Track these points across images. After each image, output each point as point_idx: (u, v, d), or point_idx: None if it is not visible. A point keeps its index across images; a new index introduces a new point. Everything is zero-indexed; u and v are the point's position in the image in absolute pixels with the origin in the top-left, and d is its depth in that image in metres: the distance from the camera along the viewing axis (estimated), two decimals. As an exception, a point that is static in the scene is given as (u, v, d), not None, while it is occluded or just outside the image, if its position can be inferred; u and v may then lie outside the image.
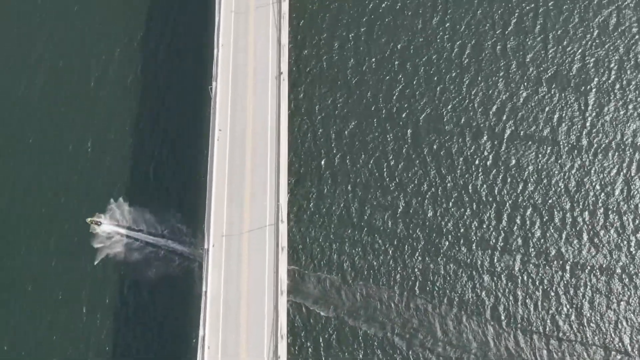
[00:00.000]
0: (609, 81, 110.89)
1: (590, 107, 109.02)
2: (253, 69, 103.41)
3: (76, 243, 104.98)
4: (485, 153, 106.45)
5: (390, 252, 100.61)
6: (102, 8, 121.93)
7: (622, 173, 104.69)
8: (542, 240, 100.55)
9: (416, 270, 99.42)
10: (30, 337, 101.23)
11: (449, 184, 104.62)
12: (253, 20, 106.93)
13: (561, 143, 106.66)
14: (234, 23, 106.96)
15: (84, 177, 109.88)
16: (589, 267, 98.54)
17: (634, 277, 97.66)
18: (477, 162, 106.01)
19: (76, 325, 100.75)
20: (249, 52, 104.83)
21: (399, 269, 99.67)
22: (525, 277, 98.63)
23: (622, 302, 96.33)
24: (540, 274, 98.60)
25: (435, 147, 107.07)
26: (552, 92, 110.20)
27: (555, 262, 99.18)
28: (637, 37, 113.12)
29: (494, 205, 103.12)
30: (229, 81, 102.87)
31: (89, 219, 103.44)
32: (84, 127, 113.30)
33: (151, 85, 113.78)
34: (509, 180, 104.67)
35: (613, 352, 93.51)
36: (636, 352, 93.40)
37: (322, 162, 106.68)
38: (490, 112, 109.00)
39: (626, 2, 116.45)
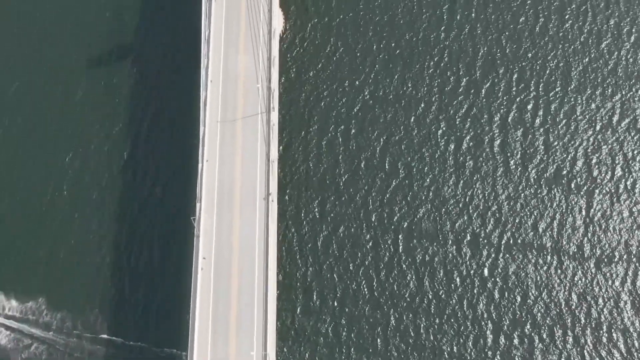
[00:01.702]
0: (613, 181, 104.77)
1: (592, 211, 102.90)
2: (240, 189, 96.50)
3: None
4: (481, 263, 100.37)
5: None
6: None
7: (626, 285, 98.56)
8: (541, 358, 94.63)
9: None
10: None
11: (442, 297, 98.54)
12: (240, 131, 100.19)
13: (562, 251, 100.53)
14: (219, 134, 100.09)
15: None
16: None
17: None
18: (472, 273, 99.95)
19: None
20: (235, 168, 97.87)
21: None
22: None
23: None
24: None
25: (428, 256, 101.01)
26: (552, 194, 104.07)
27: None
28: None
29: (490, 321, 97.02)
30: (214, 204, 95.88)
31: None
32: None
33: (129, 211, 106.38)
34: (506, 293, 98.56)
35: None
36: None
37: (309, 273, 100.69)
38: (487, 217, 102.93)
39: (630, 94, 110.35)
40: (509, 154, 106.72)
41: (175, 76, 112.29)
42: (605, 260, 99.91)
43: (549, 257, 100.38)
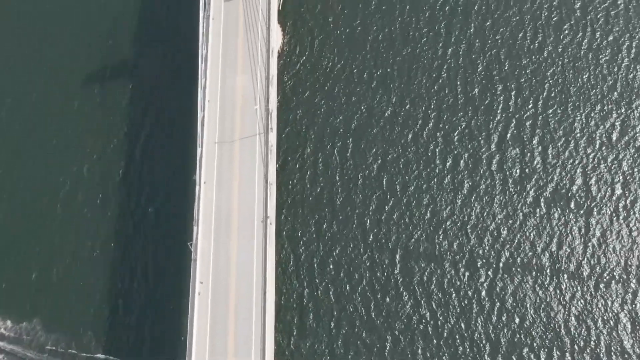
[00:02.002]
0: (613, 200, 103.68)
1: (592, 230, 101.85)
2: (237, 212, 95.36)
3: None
4: (479, 283, 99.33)
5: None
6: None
7: (625, 307, 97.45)
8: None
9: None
10: None
11: (439, 319, 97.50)
12: (238, 152, 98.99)
13: (561, 271, 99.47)
14: (217, 156, 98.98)
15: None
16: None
17: None
18: (469, 293, 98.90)
19: None
20: (233, 190, 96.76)
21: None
22: None
23: None
24: None
25: (425, 276, 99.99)
26: (551, 213, 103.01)
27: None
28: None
29: (489, 343, 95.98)
30: (211, 227, 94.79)
31: None
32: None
33: (124, 231, 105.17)
34: (504, 315, 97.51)
35: None
36: None
37: (305, 293, 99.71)
38: (485, 237, 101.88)
39: (630, 111, 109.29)
40: (507, 172, 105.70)
41: (172, 95, 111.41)
42: (605, 280, 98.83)
43: (547, 278, 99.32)
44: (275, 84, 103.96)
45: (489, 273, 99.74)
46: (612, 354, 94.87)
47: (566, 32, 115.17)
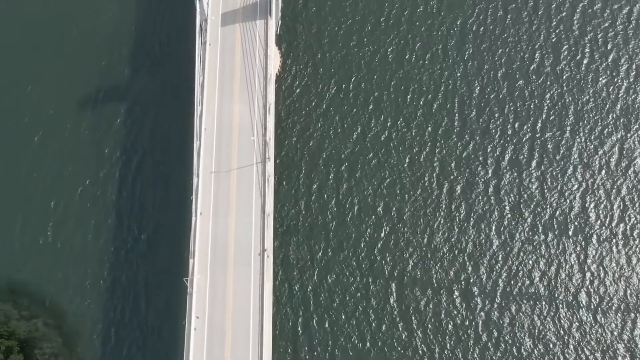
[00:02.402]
0: (612, 226, 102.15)
1: (590, 258, 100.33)
2: (234, 244, 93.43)
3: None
4: (476, 313, 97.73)
5: None
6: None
7: (625, 337, 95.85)
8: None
9: None
10: None
11: (435, 349, 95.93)
12: (235, 183, 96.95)
13: (559, 300, 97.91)
14: (214, 186, 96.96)
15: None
16: None
17: None
18: (466, 323, 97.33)
19: None
20: (230, 222, 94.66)
21: None
22: None
23: None
24: None
25: (422, 305, 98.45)
26: (549, 240, 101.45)
27: None
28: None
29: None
30: (207, 260, 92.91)
31: None
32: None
33: (116, 260, 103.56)
34: (501, 345, 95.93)
35: None
36: None
37: (299, 322, 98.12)
38: (482, 265, 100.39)
39: (630, 134, 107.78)
40: (504, 198, 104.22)
41: (167, 123, 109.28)
42: (604, 309, 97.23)
43: (545, 306, 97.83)
44: (272, 112, 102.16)
45: (486, 302, 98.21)
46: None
47: (564, 53, 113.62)
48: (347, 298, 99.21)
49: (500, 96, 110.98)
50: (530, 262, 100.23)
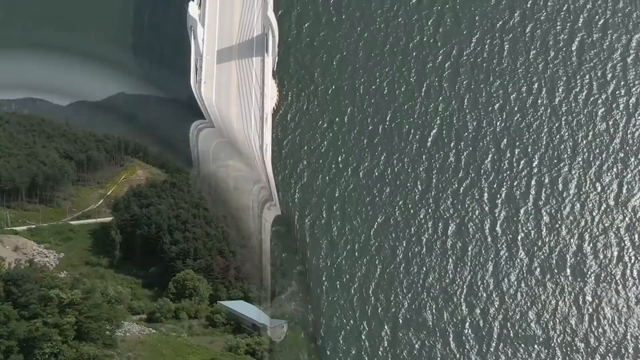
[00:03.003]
0: (610, 266, 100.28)
1: (588, 299, 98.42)
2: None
3: None
4: (471, 357, 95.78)
5: None
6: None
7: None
8: None
9: None
10: None
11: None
12: None
13: (564, 344, 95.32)
14: None
15: None
16: None
17: None
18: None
19: None
20: None
21: None
22: None
23: None
24: None
25: (416, 349, 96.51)
26: (545, 280, 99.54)
27: None
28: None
29: None
30: None
31: None
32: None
33: None
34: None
35: None
36: None
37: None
38: (477, 307, 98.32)
39: (629, 169, 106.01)
40: (499, 236, 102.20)
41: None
42: (610, 354, 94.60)
43: (543, 349, 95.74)
44: (269, 152, 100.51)
45: (483, 345, 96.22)
46: None
47: (563, 86, 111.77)
48: (342, 341, 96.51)
49: (497, 130, 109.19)
50: (527, 303, 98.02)
